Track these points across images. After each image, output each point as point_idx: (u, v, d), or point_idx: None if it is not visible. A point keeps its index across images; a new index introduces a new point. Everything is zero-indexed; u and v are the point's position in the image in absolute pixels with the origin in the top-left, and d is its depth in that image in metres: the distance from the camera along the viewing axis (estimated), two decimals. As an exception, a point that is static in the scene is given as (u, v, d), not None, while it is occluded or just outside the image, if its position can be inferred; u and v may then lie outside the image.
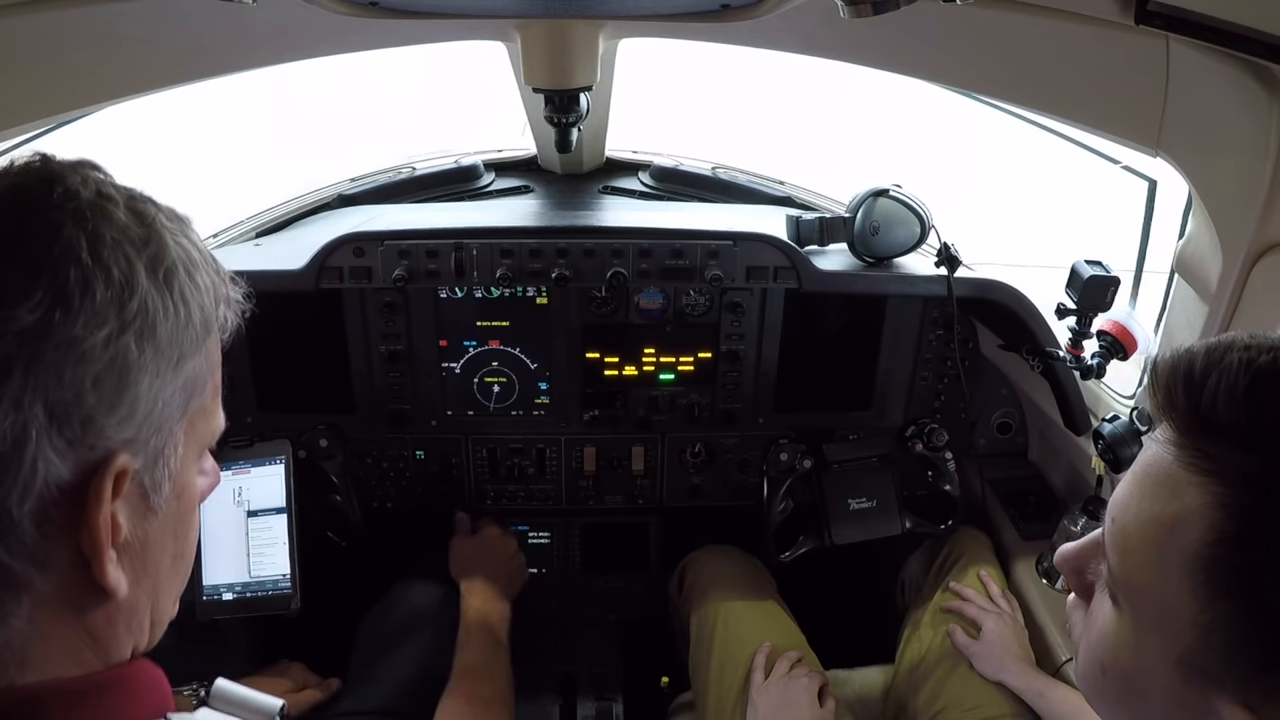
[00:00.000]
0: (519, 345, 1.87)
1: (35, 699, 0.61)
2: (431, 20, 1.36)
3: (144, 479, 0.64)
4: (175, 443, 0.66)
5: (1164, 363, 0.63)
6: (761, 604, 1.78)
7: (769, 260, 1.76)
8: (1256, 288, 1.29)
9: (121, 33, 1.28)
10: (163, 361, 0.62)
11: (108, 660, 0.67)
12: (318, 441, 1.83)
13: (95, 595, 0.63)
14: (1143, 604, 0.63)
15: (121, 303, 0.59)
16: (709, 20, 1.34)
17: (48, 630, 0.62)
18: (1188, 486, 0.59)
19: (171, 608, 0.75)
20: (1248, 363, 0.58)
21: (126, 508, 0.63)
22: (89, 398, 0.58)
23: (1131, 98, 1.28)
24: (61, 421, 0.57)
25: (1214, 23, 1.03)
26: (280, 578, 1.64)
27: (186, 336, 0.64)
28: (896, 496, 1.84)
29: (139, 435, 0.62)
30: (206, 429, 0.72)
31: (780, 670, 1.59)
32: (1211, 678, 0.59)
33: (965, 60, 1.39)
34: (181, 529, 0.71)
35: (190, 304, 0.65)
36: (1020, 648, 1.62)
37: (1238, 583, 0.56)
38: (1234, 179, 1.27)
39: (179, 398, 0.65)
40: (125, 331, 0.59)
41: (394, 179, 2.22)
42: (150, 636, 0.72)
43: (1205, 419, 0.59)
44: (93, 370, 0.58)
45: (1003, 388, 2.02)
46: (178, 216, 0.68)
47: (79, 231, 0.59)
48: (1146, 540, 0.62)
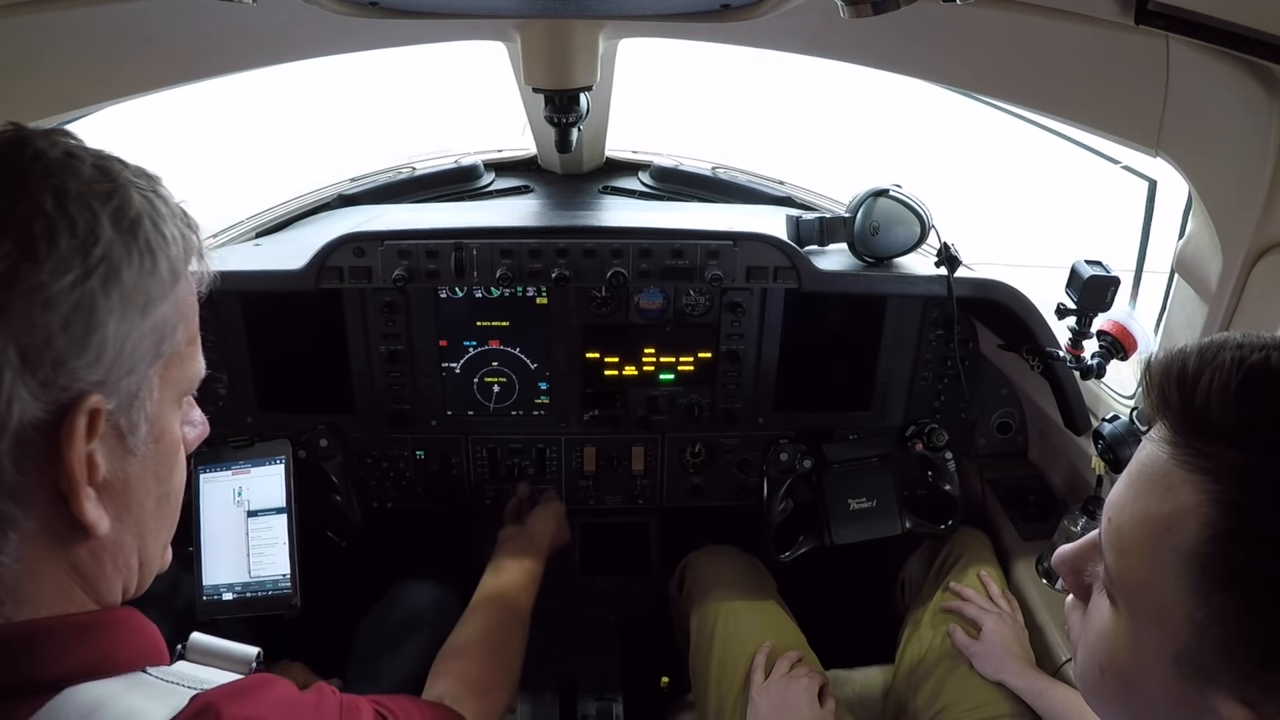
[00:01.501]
0: (519, 345, 1.87)
1: (32, 634, 0.65)
2: (431, 20, 1.36)
3: (119, 420, 0.67)
4: (150, 386, 0.69)
5: (1158, 362, 0.63)
6: (761, 604, 1.78)
7: (769, 260, 1.76)
8: (1256, 288, 1.29)
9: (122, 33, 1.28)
10: (129, 306, 0.65)
11: (99, 600, 0.71)
12: (318, 441, 1.82)
13: (77, 532, 0.66)
14: (1140, 603, 0.63)
15: (86, 250, 0.63)
16: (709, 20, 1.34)
17: (36, 567, 0.66)
18: (1183, 484, 0.59)
19: (161, 554, 0.78)
20: (1240, 361, 0.58)
21: (104, 448, 0.66)
22: (58, 340, 0.61)
23: (1131, 98, 1.28)
24: (34, 363, 0.61)
25: (1214, 23, 1.03)
26: (280, 578, 1.64)
27: (153, 283, 0.67)
28: (896, 496, 1.84)
29: (109, 377, 0.65)
30: (183, 375, 0.74)
31: (780, 670, 1.59)
32: (1209, 675, 0.59)
33: (965, 60, 1.39)
34: (164, 471, 0.74)
35: (156, 253, 0.68)
36: (1020, 648, 1.62)
37: (1233, 578, 0.57)
38: (1234, 179, 1.27)
39: (149, 341, 0.68)
40: (90, 277, 0.63)
41: (394, 179, 2.22)
42: (140, 579, 0.76)
43: (1199, 417, 0.59)
44: (60, 314, 0.61)
45: (1003, 388, 2.02)
46: (146, 174, 0.71)
47: (45, 186, 0.63)
48: (1142, 539, 0.62)
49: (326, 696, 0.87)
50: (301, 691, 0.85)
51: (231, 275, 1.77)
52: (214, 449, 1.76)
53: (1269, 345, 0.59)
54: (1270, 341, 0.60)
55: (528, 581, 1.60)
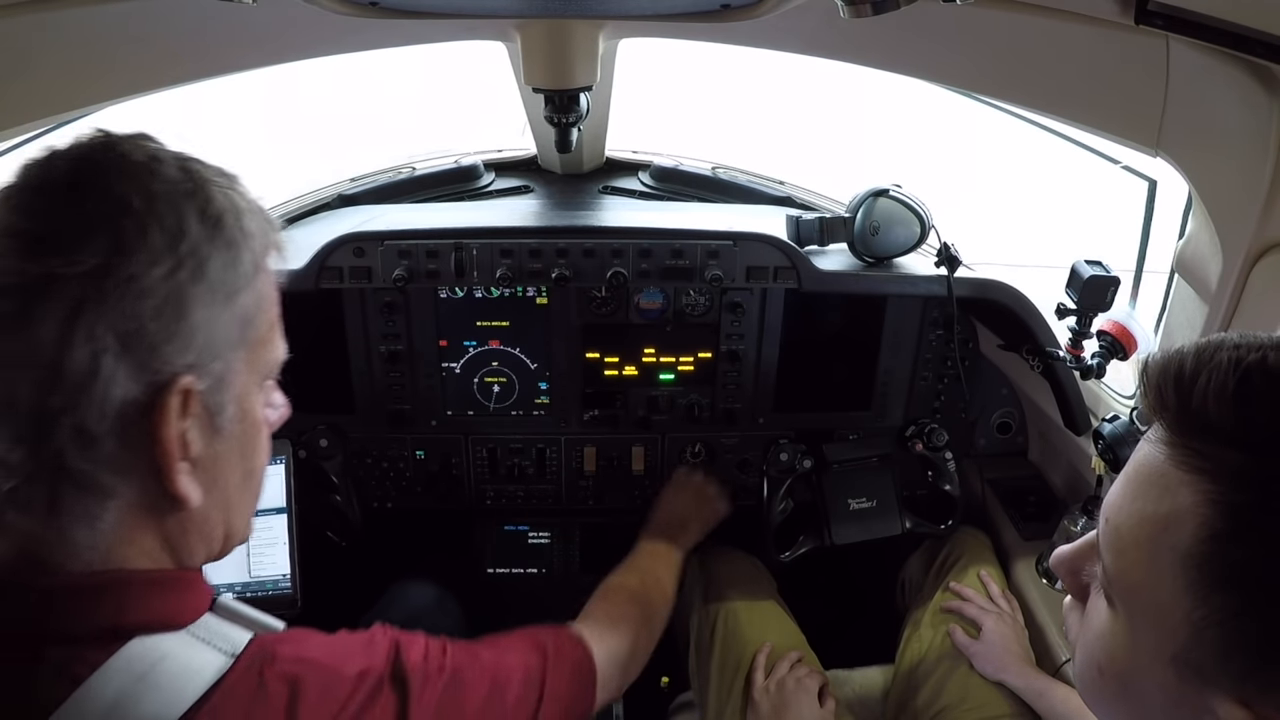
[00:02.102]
0: (519, 345, 1.87)
1: (115, 583, 0.71)
2: (431, 20, 1.36)
3: (209, 401, 0.73)
4: (236, 370, 0.75)
5: (1155, 363, 0.63)
6: (761, 604, 1.78)
7: (769, 260, 1.76)
8: (1256, 288, 1.29)
9: (121, 33, 1.28)
10: (215, 296, 0.71)
11: (181, 566, 0.78)
12: (318, 441, 1.83)
13: (171, 503, 0.73)
14: (1137, 603, 0.64)
15: (175, 245, 0.69)
16: (709, 20, 1.34)
17: (130, 535, 0.72)
18: (1180, 485, 0.59)
19: (244, 527, 0.85)
20: (1237, 361, 0.59)
21: (195, 427, 0.72)
22: (151, 327, 0.67)
23: (1131, 98, 1.28)
24: (131, 348, 0.67)
25: (1214, 23, 1.03)
26: (280, 578, 1.64)
27: (236, 274, 0.73)
28: (896, 496, 1.84)
29: (199, 360, 0.71)
30: (266, 359, 0.81)
31: (781, 670, 1.59)
32: (1207, 675, 0.59)
33: (965, 60, 1.39)
34: (249, 449, 0.81)
35: (239, 246, 0.74)
36: (1020, 647, 1.62)
37: (1230, 578, 0.57)
38: (1234, 179, 1.27)
39: (234, 328, 0.74)
40: (180, 269, 0.69)
41: (394, 179, 2.22)
42: (222, 548, 0.83)
43: (1196, 418, 0.60)
44: (153, 304, 0.67)
45: (1003, 388, 2.02)
46: (226, 174, 0.78)
47: (134, 186, 0.69)
48: (1140, 539, 0.62)
49: (378, 633, 0.90)
50: (352, 632, 0.89)
51: None
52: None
53: (1266, 345, 0.59)
54: (1268, 342, 0.60)
55: (674, 562, 1.62)
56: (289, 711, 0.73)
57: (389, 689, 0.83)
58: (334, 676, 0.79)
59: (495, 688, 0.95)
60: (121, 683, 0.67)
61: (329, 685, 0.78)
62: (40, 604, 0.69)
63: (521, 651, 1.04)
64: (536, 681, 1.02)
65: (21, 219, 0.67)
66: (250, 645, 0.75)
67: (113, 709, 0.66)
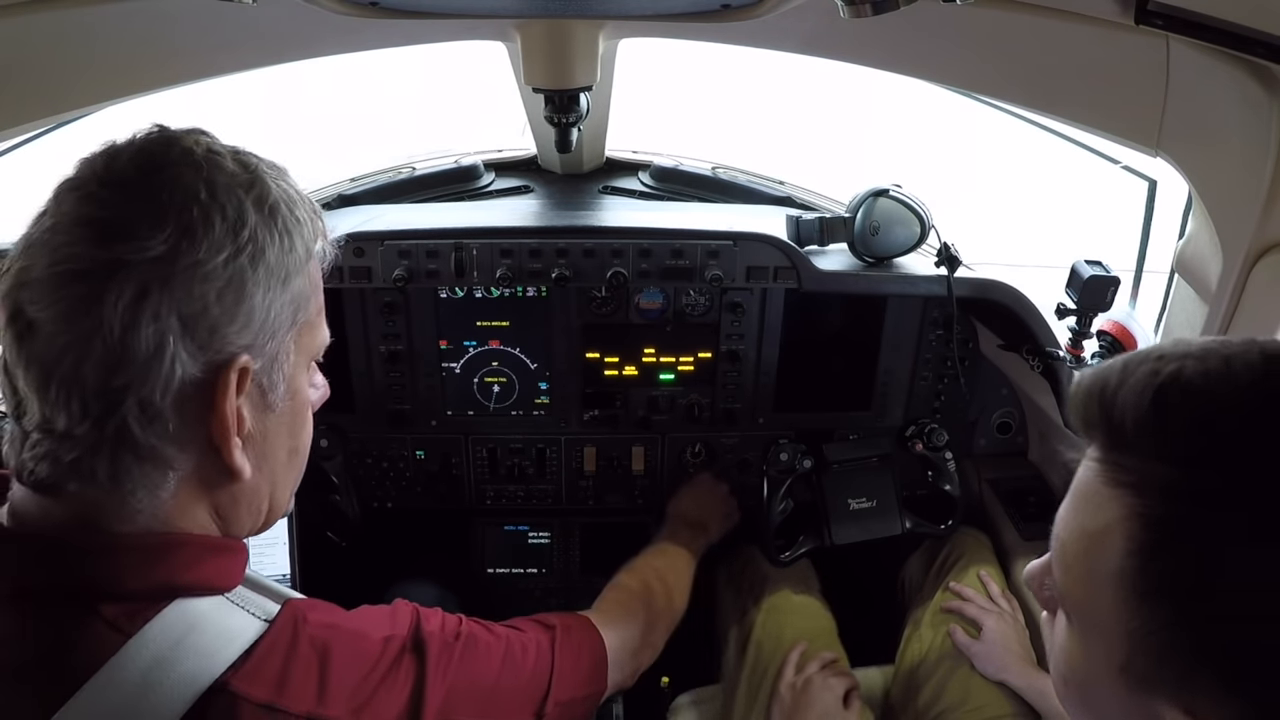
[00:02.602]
0: (519, 345, 1.87)
1: (178, 543, 0.76)
2: (431, 20, 1.36)
3: (262, 379, 0.78)
4: (287, 350, 0.80)
5: (1082, 381, 0.65)
6: (805, 603, 1.79)
7: (769, 260, 1.75)
8: (1256, 288, 1.29)
9: (122, 33, 1.28)
10: (273, 279, 0.75)
11: (228, 535, 0.82)
12: (318, 441, 1.82)
13: (224, 476, 0.77)
14: (1084, 616, 0.65)
15: (235, 232, 0.73)
16: (709, 20, 1.34)
17: (185, 504, 0.77)
18: (1109, 500, 0.61)
19: (288, 500, 0.90)
20: (1154, 374, 0.59)
21: (249, 404, 0.77)
22: (214, 309, 0.71)
23: (1131, 98, 1.28)
24: (192, 329, 0.71)
25: (1214, 23, 1.03)
26: (280, 577, 1.64)
27: (291, 259, 0.77)
28: (896, 496, 1.84)
29: (256, 341, 0.75)
30: (313, 340, 0.86)
31: (810, 669, 1.59)
32: (1151, 684, 0.60)
33: (965, 60, 1.39)
34: (296, 426, 0.86)
35: (293, 233, 0.78)
36: (1021, 647, 1.62)
37: (1158, 590, 0.58)
38: (1234, 179, 1.27)
39: (288, 310, 0.78)
40: (240, 255, 0.73)
41: (394, 179, 2.21)
42: (266, 522, 0.87)
43: (1119, 433, 0.60)
44: (215, 287, 0.71)
45: (1003, 388, 2.02)
46: (277, 166, 0.82)
47: (197, 178, 0.73)
48: (1079, 555, 0.64)
49: (400, 605, 0.93)
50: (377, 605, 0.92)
51: None
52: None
53: (1185, 355, 0.59)
54: (1188, 351, 0.60)
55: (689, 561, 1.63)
56: (320, 671, 0.77)
57: (410, 655, 0.86)
58: (361, 640, 0.83)
59: (509, 657, 0.99)
60: (168, 639, 0.71)
61: (356, 648, 0.82)
62: (97, 562, 0.72)
63: (533, 630, 1.08)
64: (547, 657, 1.05)
65: (93, 208, 0.70)
66: (284, 610, 0.79)
67: (158, 664, 0.70)
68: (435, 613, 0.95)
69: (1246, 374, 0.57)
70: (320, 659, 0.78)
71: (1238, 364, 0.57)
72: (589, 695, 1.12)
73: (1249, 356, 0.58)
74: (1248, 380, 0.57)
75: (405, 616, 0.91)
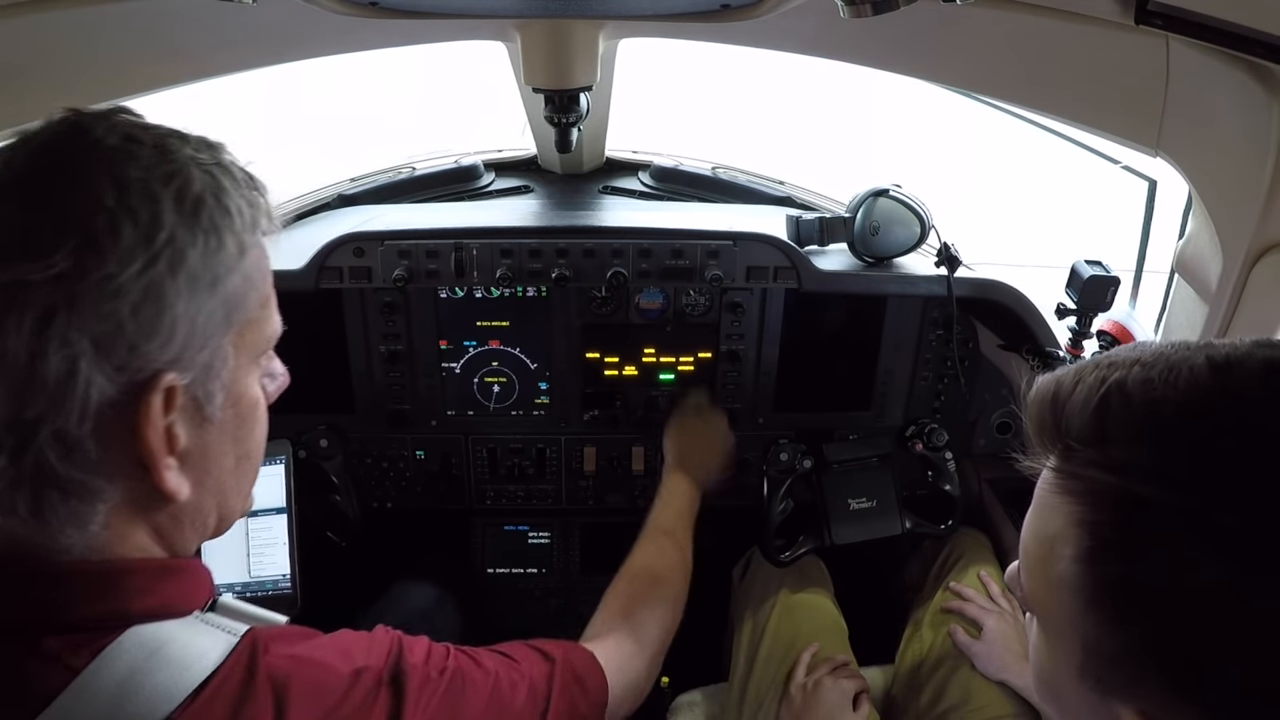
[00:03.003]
0: (519, 345, 1.87)
1: (124, 569, 0.70)
2: (431, 20, 1.36)
3: (196, 392, 0.70)
4: (224, 356, 0.72)
5: (1037, 387, 0.65)
6: (818, 605, 1.79)
7: (769, 260, 1.76)
8: (1256, 288, 1.29)
9: (121, 33, 1.28)
10: (197, 286, 0.68)
11: (173, 553, 0.76)
12: (318, 441, 1.82)
13: (159, 500, 0.71)
14: (1045, 619, 0.66)
15: (150, 239, 0.65)
16: (709, 20, 1.34)
17: (121, 532, 0.71)
18: (1058, 507, 0.61)
19: (241, 506, 0.83)
20: (1102, 380, 0.59)
21: (182, 419, 0.70)
22: (129, 326, 0.64)
23: (1131, 98, 1.28)
24: (107, 350, 0.64)
25: (1214, 23, 1.03)
26: (280, 578, 1.64)
27: (220, 259, 0.69)
28: (896, 496, 1.84)
29: (183, 354, 0.68)
30: (259, 337, 0.77)
31: (821, 671, 1.59)
32: (1106, 687, 0.60)
33: (965, 60, 1.39)
34: (242, 432, 0.78)
35: (221, 230, 0.70)
36: (1021, 647, 1.61)
37: (1101, 597, 0.58)
38: (1234, 179, 1.27)
39: (219, 315, 0.70)
40: (156, 263, 0.65)
41: (394, 179, 2.21)
42: (217, 530, 0.81)
43: (1063, 440, 0.61)
44: (129, 301, 0.64)
45: (1003, 388, 2.02)
46: (209, 144, 0.73)
47: (103, 177, 0.65)
48: (1037, 560, 0.64)
49: (380, 633, 0.87)
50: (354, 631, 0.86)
51: None
52: None
53: (1135, 361, 0.59)
54: (1138, 358, 0.60)
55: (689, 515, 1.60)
56: (276, 709, 0.71)
57: (386, 690, 0.80)
58: (327, 674, 0.76)
59: (497, 695, 0.91)
60: (116, 675, 0.66)
61: (321, 683, 0.75)
62: (39, 592, 0.68)
63: (529, 661, 1.00)
64: (543, 694, 0.97)
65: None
66: (242, 641, 0.73)
67: (106, 701, 0.65)
68: (420, 642, 0.88)
69: (1189, 384, 0.57)
70: (277, 695, 0.71)
71: (1182, 372, 0.57)
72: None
73: (1194, 365, 0.57)
74: (1189, 390, 0.57)
75: (383, 646, 0.84)
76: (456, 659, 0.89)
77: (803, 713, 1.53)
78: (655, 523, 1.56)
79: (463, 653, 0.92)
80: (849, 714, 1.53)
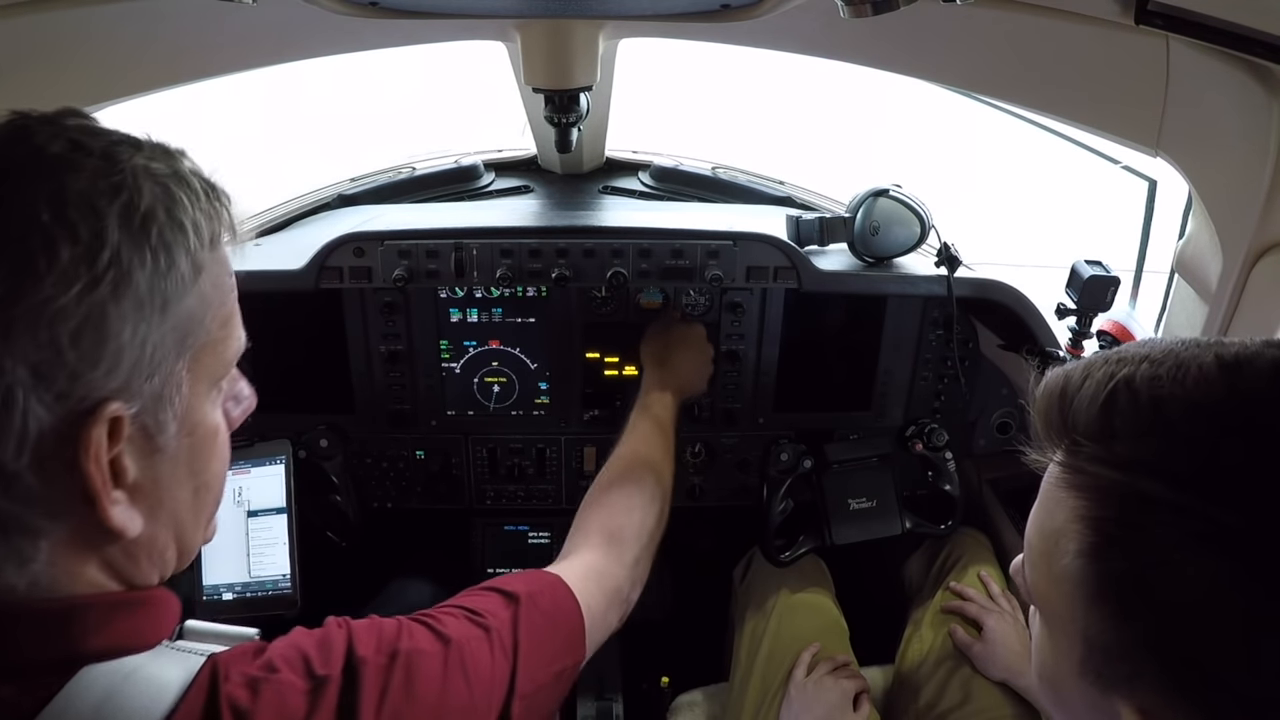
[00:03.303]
0: (519, 345, 1.87)
1: (76, 606, 0.65)
2: (431, 20, 1.36)
3: (145, 421, 0.65)
4: (177, 383, 0.67)
5: (1046, 382, 0.65)
6: (819, 605, 1.79)
7: (769, 260, 1.75)
8: (1256, 288, 1.29)
9: (121, 33, 1.28)
10: (145, 309, 0.62)
11: (132, 587, 0.71)
12: (318, 441, 1.82)
13: (108, 535, 0.65)
14: (1048, 613, 0.66)
15: (91, 258, 0.59)
16: (709, 20, 1.34)
17: (68, 568, 0.65)
18: (1063, 501, 0.61)
19: (202, 534, 0.77)
20: (1110, 376, 0.59)
21: (131, 450, 0.65)
22: (69, 354, 0.59)
23: (1131, 98, 1.28)
24: (47, 380, 0.59)
25: (1214, 23, 1.03)
26: (280, 578, 1.64)
27: (171, 281, 0.64)
28: (896, 496, 1.84)
29: (130, 383, 0.63)
30: (217, 361, 0.71)
31: (821, 670, 1.59)
32: (1106, 682, 0.60)
33: (965, 60, 1.39)
34: (198, 464, 0.72)
35: (173, 249, 0.64)
36: (1022, 647, 1.61)
37: (1104, 592, 0.58)
38: (1234, 179, 1.27)
39: (171, 339, 0.65)
40: (98, 286, 0.59)
41: (394, 179, 2.22)
42: (178, 564, 0.75)
43: (1071, 435, 0.61)
44: (69, 328, 0.59)
45: (1003, 388, 2.02)
46: (165, 152, 0.67)
47: (41, 191, 0.59)
48: (1041, 554, 0.64)
49: (333, 630, 0.81)
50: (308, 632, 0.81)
51: None
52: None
53: (1144, 359, 0.59)
54: (1147, 355, 0.60)
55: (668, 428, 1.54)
56: None
57: (340, 691, 0.75)
58: (288, 693, 0.72)
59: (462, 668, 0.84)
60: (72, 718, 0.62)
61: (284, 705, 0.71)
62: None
63: (492, 609, 0.93)
64: (509, 644, 0.90)
65: None
66: (202, 670, 0.69)
67: None
68: (370, 627, 0.82)
69: (1197, 382, 0.57)
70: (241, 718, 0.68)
71: (1190, 370, 0.57)
72: (563, 670, 0.98)
73: (1203, 363, 0.57)
74: (1197, 389, 0.56)
75: (338, 647, 0.78)
76: (410, 640, 0.82)
77: (803, 713, 1.53)
78: (632, 422, 1.51)
79: (419, 623, 0.85)
80: (849, 714, 1.53)
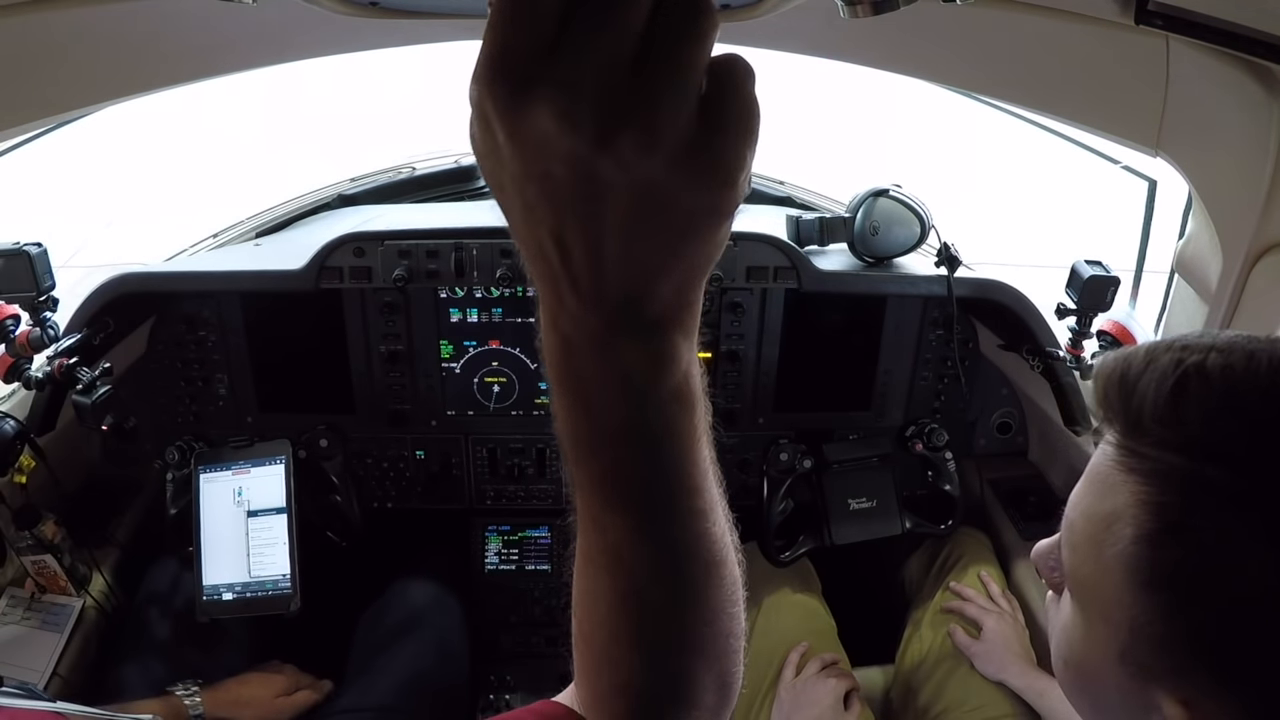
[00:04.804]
0: (519, 345, 1.87)
1: None
2: (431, 20, 1.36)
3: None
4: None
5: (1103, 364, 0.64)
6: (805, 604, 1.79)
7: (769, 260, 1.75)
8: (1256, 288, 1.29)
9: (121, 33, 1.28)
10: None
11: None
12: (318, 441, 1.83)
13: None
14: (1088, 599, 0.65)
15: None
16: (709, 20, 1.34)
17: None
18: (1120, 485, 0.60)
19: None
20: (1177, 363, 0.59)
21: None
22: None
23: (1131, 98, 1.28)
24: None
25: (1214, 23, 1.03)
26: (280, 578, 1.64)
27: None
28: (896, 496, 1.84)
29: None
30: None
31: (811, 669, 1.59)
32: (1150, 673, 0.60)
33: (965, 60, 1.39)
34: None
35: None
36: (1021, 647, 1.62)
37: (1160, 580, 0.58)
38: (1234, 179, 1.27)
39: None
40: None
41: (394, 179, 2.22)
42: None
43: (1136, 419, 0.60)
44: None
45: (1003, 388, 2.02)
46: None
47: None
48: (1087, 537, 0.63)
49: None
50: None
51: (231, 275, 1.77)
52: (214, 449, 1.76)
53: (1210, 347, 0.59)
54: (1212, 343, 0.59)
55: None
56: None
57: None
58: None
59: None
60: None
61: None
62: None
63: None
64: None
65: None
66: None
67: None
68: None
69: (1271, 373, 0.57)
70: None
71: (1261, 361, 0.57)
72: None
73: (1275, 355, 0.57)
74: (1269, 378, 0.56)
75: None
76: None
77: (794, 713, 1.52)
78: None
79: None
80: (841, 714, 1.53)
